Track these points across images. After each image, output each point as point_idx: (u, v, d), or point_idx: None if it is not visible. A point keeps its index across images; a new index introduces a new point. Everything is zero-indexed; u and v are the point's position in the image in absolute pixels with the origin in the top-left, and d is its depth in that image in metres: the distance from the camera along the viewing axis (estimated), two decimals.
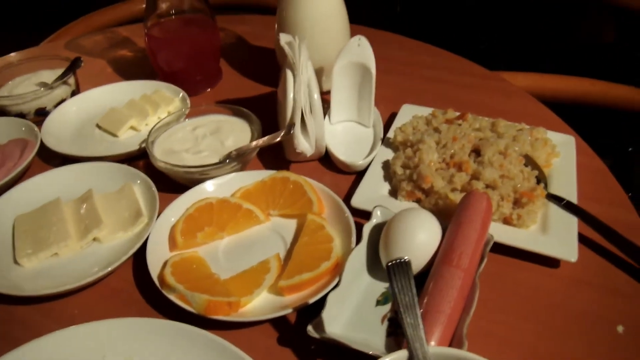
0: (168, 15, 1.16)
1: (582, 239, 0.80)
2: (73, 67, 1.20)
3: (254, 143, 0.93)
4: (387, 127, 1.04)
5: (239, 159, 0.91)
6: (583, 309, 0.73)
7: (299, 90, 0.89)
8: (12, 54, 1.46)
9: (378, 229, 0.79)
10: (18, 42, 1.56)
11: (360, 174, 0.95)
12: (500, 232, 0.79)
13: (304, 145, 0.92)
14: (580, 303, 0.73)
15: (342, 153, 0.96)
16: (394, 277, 0.63)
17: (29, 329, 0.75)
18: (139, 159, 1.02)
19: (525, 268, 0.78)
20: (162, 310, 0.75)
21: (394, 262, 0.63)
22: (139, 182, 0.93)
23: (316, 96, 0.91)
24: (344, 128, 1.05)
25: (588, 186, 0.90)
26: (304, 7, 1.06)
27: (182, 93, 1.15)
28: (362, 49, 1.00)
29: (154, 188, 0.90)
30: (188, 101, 1.12)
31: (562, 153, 0.95)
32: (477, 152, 0.91)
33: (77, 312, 0.77)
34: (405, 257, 0.64)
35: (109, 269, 0.77)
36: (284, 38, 0.95)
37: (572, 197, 0.85)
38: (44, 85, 1.17)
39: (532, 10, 2.22)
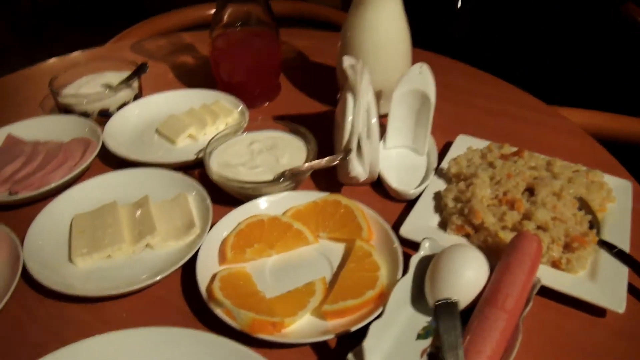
0: (234, 27, 1.18)
1: (632, 290, 0.79)
2: (139, 71, 1.23)
3: (309, 164, 0.94)
4: (440, 156, 1.04)
5: (293, 178, 0.93)
6: None
7: (357, 114, 0.90)
8: (77, 53, 1.51)
9: (425, 261, 0.79)
10: (85, 41, 1.60)
11: (410, 202, 0.95)
12: (547, 276, 0.78)
13: (358, 170, 0.92)
14: (625, 356, 0.72)
15: (395, 180, 0.96)
16: (440, 317, 0.63)
17: (77, 327, 0.77)
18: (195, 167, 1.04)
19: (569, 314, 0.77)
20: (205, 321, 0.77)
21: (442, 302, 0.63)
22: (194, 193, 0.94)
23: (374, 121, 0.92)
24: (397, 154, 1.05)
25: None
26: (368, 30, 1.07)
27: (241, 106, 1.16)
28: (423, 77, 1.00)
29: (209, 201, 0.91)
30: (247, 115, 1.14)
31: (617, 198, 0.93)
32: (530, 190, 0.91)
33: (124, 316, 0.79)
34: (454, 298, 0.64)
35: (159, 277, 0.79)
36: (347, 61, 0.96)
37: (625, 245, 0.84)
38: (108, 86, 1.20)
39: (598, 44, 2.18)
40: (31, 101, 1.30)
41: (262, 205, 0.91)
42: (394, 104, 1.01)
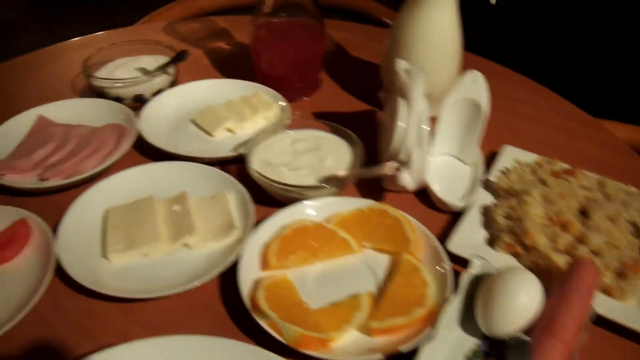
0: (279, 16, 1.13)
1: None
2: (178, 58, 1.18)
3: (361, 171, 0.90)
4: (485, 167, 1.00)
5: (339, 184, 0.89)
6: None
7: (410, 122, 0.86)
8: (107, 33, 1.47)
9: (474, 280, 0.76)
10: (110, 18, 1.56)
11: (454, 214, 0.91)
12: (598, 303, 0.74)
13: (407, 179, 0.89)
14: None
15: (440, 189, 0.92)
16: (511, 354, 0.61)
17: (110, 327, 0.74)
18: (231, 163, 1.00)
19: (618, 343, 0.74)
20: (245, 330, 0.73)
21: (515, 339, 0.61)
22: (233, 191, 0.90)
23: (426, 130, 0.88)
24: (443, 162, 1.01)
25: None
26: (422, 31, 1.02)
27: (283, 102, 1.11)
28: (477, 87, 0.96)
29: (250, 202, 0.87)
30: (289, 112, 1.09)
31: None
32: (583, 212, 0.87)
33: (158, 318, 0.75)
34: (528, 338, 0.62)
35: (197, 283, 0.75)
36: (401, 64, 0.92)
37: None
38: (143, 71, 1.16)
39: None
40: (61, 81, 1.26)
41: (306, 209, 0.87)
42: (445, 110, 0.97)
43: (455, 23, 1.04)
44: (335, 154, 0.95)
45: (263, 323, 0.70)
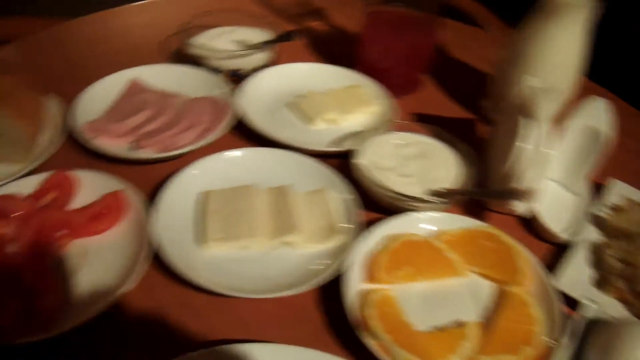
0: (394, 5, 1.05)
1: None
2: (284, 38, 1.11)
3: (479, 191, 0.86)
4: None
5: (450, 198, 0.84)
6: None
7: (534, 144, 0.81)
8: None
9: (585, 325, 0.72)
10: None
11: (557, 245, 0.86)
12: None
13: (520, 204, 0.84)
14: None
15: (546, 217, 0.87)
16: None
17: (199, 319, 0.71)
18: (331, 157, 0.93)
19: None
20: (339, 339, 0.70)
21: None
22: (336, 189, 0.85)
23: (548, 155, 0.82)
24: (547, 188, 0.95)
25: None
26: (551, 49, 0.96)
27: (389, 99, 1.04)
28: (601, 115, 0.91)
29: (356, 204, 0.82)
30: (397, 111, 1.02)
31: None
32: None
33: (249, 317, 0.72)
34: None
35: (296, 291, 0.70)
36: (531, 81, 0.86)
37: None
38: (242, 44, 1.10)
39: None
40: (150, 42, 1.21)
41: (414, 222, 0.82)
42: (565, 136, 0.92)
43: (584, 44, 0.97)
44: (445, 165, 0.90)
45: (371, 343, 0.66)
